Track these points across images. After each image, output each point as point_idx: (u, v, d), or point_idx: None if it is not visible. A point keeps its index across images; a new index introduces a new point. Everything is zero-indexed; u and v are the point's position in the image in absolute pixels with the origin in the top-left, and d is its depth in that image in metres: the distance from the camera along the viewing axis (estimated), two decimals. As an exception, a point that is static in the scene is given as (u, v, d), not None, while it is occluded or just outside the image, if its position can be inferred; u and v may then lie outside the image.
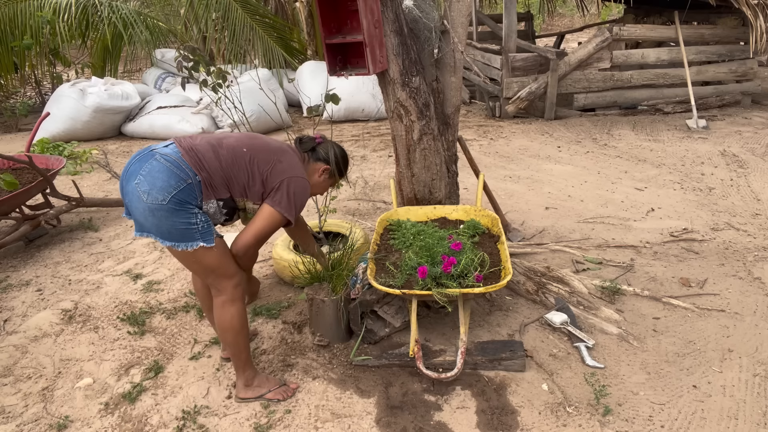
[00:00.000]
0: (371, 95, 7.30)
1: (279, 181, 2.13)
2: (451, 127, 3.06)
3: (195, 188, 2.02)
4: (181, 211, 1.99)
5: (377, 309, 2.68)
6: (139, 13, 7.75)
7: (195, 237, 2.02)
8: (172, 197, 1.96)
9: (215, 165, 2.08)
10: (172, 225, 1.99)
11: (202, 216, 2.05)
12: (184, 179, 2.00)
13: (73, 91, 6.65)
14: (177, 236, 2.01)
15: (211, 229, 2.08)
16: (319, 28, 2.70)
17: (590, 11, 11.18)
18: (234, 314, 2.17)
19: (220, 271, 2.12)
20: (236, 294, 2.16)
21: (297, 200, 2.17)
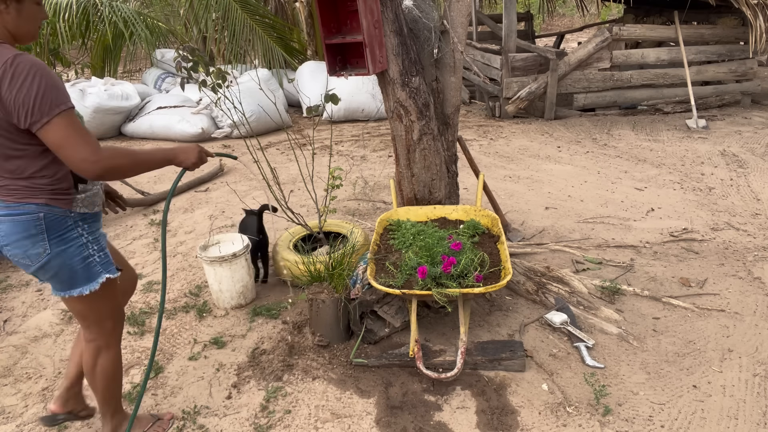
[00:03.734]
0: (371, 95, 7.30)
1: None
2: (450, 127, 3.06)
3: (51, 212, 1.67)
4: (70, 247, 1.71)
5: (377, 309, 2.68)
6: (139, 13, 7.75)
7: (96, 273, 1.77)
8: (49, 240, 1.67)
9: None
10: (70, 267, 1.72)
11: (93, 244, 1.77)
12: (33, 215, 1.64)
13: (73, 91, 6.64)
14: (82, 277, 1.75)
15: (109, 258, 1.83)
16: (319, 28, 2.71)
17: (590, 11, 11.18)
18: (112, 361, 1.95)
19: (104, 310, 1.87)
20: (112, 338, 1.93)
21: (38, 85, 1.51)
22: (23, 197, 1.64)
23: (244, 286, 3.06)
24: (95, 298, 1.81)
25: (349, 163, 5.61)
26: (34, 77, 1.51)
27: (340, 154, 6.06)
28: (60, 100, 1.54)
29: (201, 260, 2.99)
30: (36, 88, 1.51)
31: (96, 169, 1.58)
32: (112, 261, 1.84)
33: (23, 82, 1.50)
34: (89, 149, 1.56)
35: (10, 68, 1.51)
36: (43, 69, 1.54)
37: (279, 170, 5.26)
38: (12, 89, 1.50)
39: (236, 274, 2.98)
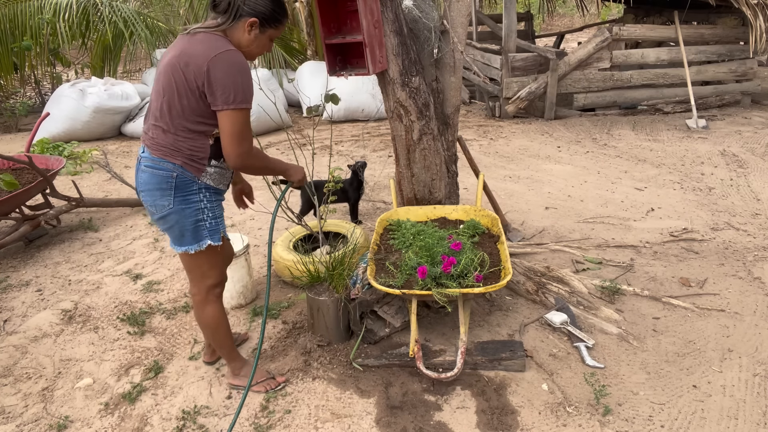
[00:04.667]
0: (371, 95, 7.30)
1: (204, 71, 1.83)
2: (450, 127, 3.06)
3: (183, 174, 1.98)
4: (188, 208, 2.03)
5: (377, 309, 2.68)
6: (139, 13, 7.75)
7: (202, 236, 2.08)
8: (174, 197, 2.00)
9: (164, 115, 1.93)
10: (183, 226, 2.04)
11: (209, 211, 2.07)
12: (169, 173, 1.98)
13: (73, 91, 6.65)
14: (190, 237, 2.07)
15: (218, 227, 2.11)
16: (319, 28, 2.70)
17: (590, 11, 11.18)
18: (210, 315, 2.25)
19: (206, 270, 2.18)
20: (211, 294, 2.23)
21: (236, 79, 1.85)
22: (165, 155, 1.96)
23: (244, 286, 3.06)
24: (200, 258, 2.12)
25: (349, 163, 5.61)
26: (237, 72, 1.85)
27: (340, 154, 6.06)
28: (247, 99, 1.88)
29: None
30: (238, 80, 1.84)
31: (237, 162, 1.94)
32: (221, 233, 2.12)
33: (228, 70, 1.83)
34: (245, 146, 1.92)
35: (222, 58, 1.84)
36: (246, 69, 1.88)
37: (279, 170, 5.25)
38: (219, 73, 1.83)
39: (236, 274, 2.97)
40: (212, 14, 1.96)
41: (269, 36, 2.00)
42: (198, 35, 1.89)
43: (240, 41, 1.94)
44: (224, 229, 2.17)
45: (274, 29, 1.99)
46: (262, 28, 1.95)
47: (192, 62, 1.84)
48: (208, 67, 1.82)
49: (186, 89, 1.87)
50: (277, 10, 1.96)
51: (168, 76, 1.89)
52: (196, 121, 1.94)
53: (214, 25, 1.92)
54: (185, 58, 1.85)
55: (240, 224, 4.22)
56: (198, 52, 1.84)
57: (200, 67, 1.83)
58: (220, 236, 2.12)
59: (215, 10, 1.94)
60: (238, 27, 1.92)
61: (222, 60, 1.83)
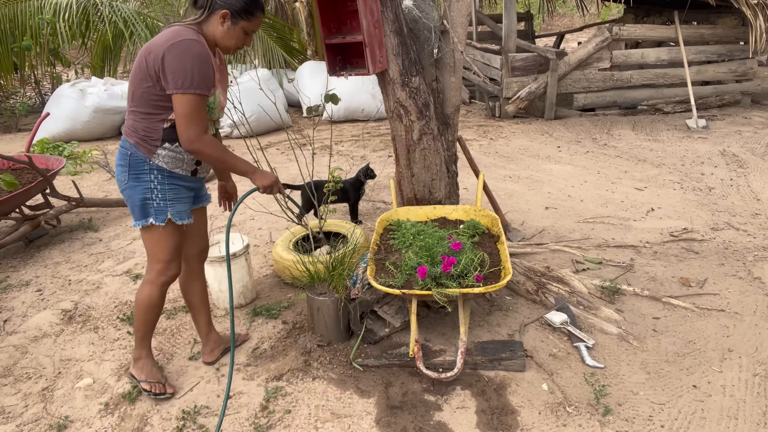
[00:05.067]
0: (371, 95, 7.30)
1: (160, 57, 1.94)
2: (450, 127, 3.06)
3: (135, 153, 2.10)
4: (138, 186, 2.13)
5: (377, 309, 2.68)
6: (139, 13, 7.75)
7: (148, 213, 2.15)
8: (129, 174, 2.13)
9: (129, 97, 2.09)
10: (133, 202, 2.16)
11: (159, 192, 2.14)
12: (126, 151, 2.12)
13: (73, 91, 6.65)
14: (140, 213, 2.16)
15: (165, 209, 2.16)
16: (319, 28, 2.70)
17: (590, 11, 11.18)
18: (145, 295, 2.29)
19: (155, 252, 2.24)
20: (157, 279, 2.28)
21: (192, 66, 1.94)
22: (126, 134, 2.13)
23: (244, 286, 3.06)
24: (149, 236, 2.20)
25: (349, 163, 5.61)
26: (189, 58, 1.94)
27: (340, 154, 6.06)
28: (199, 85, 1.96)
29: (201, 260, 2.99)
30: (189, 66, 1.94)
31: (187, 145, 2.03)
32: (167, 215, 2.16)
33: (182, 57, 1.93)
34: (193, 130, 2.00)
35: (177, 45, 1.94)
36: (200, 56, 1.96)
37: (279, 170, 5.26)
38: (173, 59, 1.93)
39: (236, 274, 2.97)
40: (192, 11, 2.10)
41: (242, 28, 2.08)
42: (171, 27, 2.03)
43: (215, 34, 2.06)
44: (176, 214, 2.19)
45: (247, 21, 2.07)
46: (233, 20, 2.04)
47: (153, 50, 1.98)
48: (164, 53, 1.94)
49: (146, 74, 2.00)
50: (249, 3, 2.05)
51: (135, 63, 2.05)
52: (152, 104, 2.05)
53: (191, 20, 2.06)
54: (149, 47, 2.00)
55: (240, 224, 4.22)
56: (160, 41, 1.97)
57: (158, 54, 1.95)
58: (165, 218, 2.16)
59: (195, 6, 2.07)
60: (212, 20, 2.04)
61: (177, 47, 1.94)
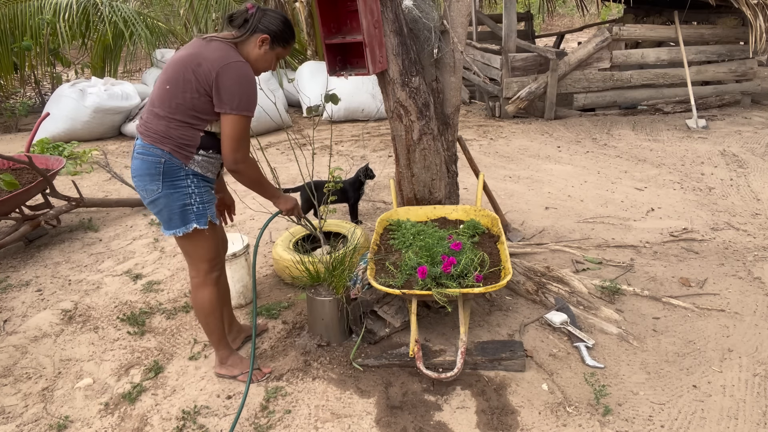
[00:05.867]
0: (371, 95, 7.30)
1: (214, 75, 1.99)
2: (450, 127, 3.06)
3: (171, 160, 2.10)
4: (176, 193, 2.13)
5: (377, 309, 2.68)
6: (139, 13, 7.75)
7: (189, 219, 2.17)
8: (162, 182, 2.11)
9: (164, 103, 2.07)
10: (170, 210, 2.15)
11: (197, 196, 2.16)
12: (158, 159, 2.09)
13: (73, 91, 6.65)
14: (179, 220, 2.16)
15: (205, 211, 2.20)
16: (319, 28, 2.70)
17: (590, 11, 11.18)
18: (203, 299, 2.33)
19: (200, 254, 2.27)
20: (208, 278, 2.32)
21: (243, 88, 2.02)
22: (155, 141, 2.08)
23: (244, 286, 3.06)
24: (191, 241, 2.23)
25: (349, 163, 5.61)
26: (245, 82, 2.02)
27: (340, 154, 6.06)
28: (250, 108, 2.05)
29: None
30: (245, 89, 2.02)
31: (231, 165, 2.09)
32: (207, 217, 2.20)
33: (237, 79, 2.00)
34: (241, 151, 2.08)
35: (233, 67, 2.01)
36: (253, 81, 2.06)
37: (279, 170, 5.26)
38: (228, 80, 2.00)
39: (236, 274, 2.98)
40: (228, 27, 2.16)
41: (276, 54, 2.18)
42: (213, 42, 2.07)
43: (249, 55, 2.12)
44: (212, 214, 2.25)
45: (282, 48, 2.18)
46: (272, 45, 2.14)
47: (204, 64, 2.01)
48: (218, 72, 1.99)
49: (193, 87, 2.02)
50: (287, 32, 2.16)
51: (178, 70, 2.04)
52: (193, 115, 2.08)
53: (230, 37, 2.11)
54: (198, 59, 2.02)
55: (240, 224, 4.22)
56: (212, 56, 2.01)
57: (211, 71, 2.00)
58: (206, 220, 2.20)
59: (231, 24, 2.13)
60: (251, 41, 2.11)
61: (233, 68, 2.01)
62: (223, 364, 2.48)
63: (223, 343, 2.47)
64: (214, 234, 2.29)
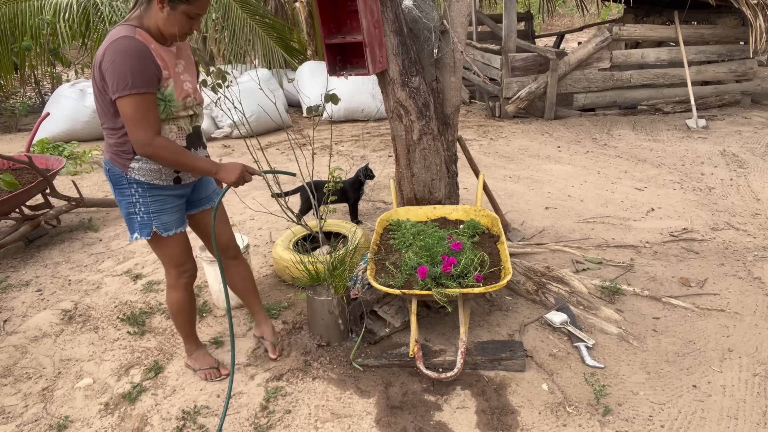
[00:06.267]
0: (371, 95, 7.30)
1: (98, 65, 1.87)
2: (450, 127, 3.06)
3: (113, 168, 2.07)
4: (122, 200, 2.12)
5: (377, 309, 2.68)
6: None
7: (134, 228, 2.16)
8: (114, 189, 2.13)
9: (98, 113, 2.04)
10: (123, 215, 2.17)
11: (141, 206, 2.11)
12: (105, 167, 2.11)
13: (73, 91, 6.65)
14: (128, 226, 2.18)
15: (150, 222, 2.13)
16: (319, 28, 2.70)
17: (590, 11, 11.18)
18: (172, 300, 2.38)
19: (165, 260, 2.30)
20: (177, 283, 2.34)
21: (123, 66, 1.83)
22: (105, 148, 2.09)
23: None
24: (155, 247, 2.24)
25: (349, 163, 5.61)
26: (119, 59, 1.83)
27: (340, 154, 6.06)
28: (134, 84, 1.84)
29: (201, 260, 2.99)
30: (119, 65, 1.83)
31: (139, 150, 1.95)
32: (152, 228, 2.14)
33: (113, 58, 1.83)
34: (140, 134, 1.91)
35: (110, 48, 1.85)
36: (131, 53, 1.85)
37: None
38: (106, 63, 1.85)
39: (236, 274, 2.97)
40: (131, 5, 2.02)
41: (184, 12, 1.94)
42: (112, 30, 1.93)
43: (157, 23, 1.94)
44: (160, 226, 2.15)
45: (187, 4, 1.92)
46: (171, 4, 1.90)
47: (96, 61, 1.90)
48: (101, 60, 1.87)
49: (96, 87, 1.94)
50: None
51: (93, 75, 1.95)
52: (112, 117, 1.98)
53: (131, 15, 1.96)
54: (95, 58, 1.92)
55: (240, 224, 4.22)
56: (99, 50, 1.89)
57: (97, 62, 1.88)
58: (150, 231, 2.14)
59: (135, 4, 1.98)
60: (152, 9, 1.93)
61: (109, 51, 1.85)
62: (189, 356, 2.56)
63: (190, 338, 2.53)
64: (175, 242, 2.24)
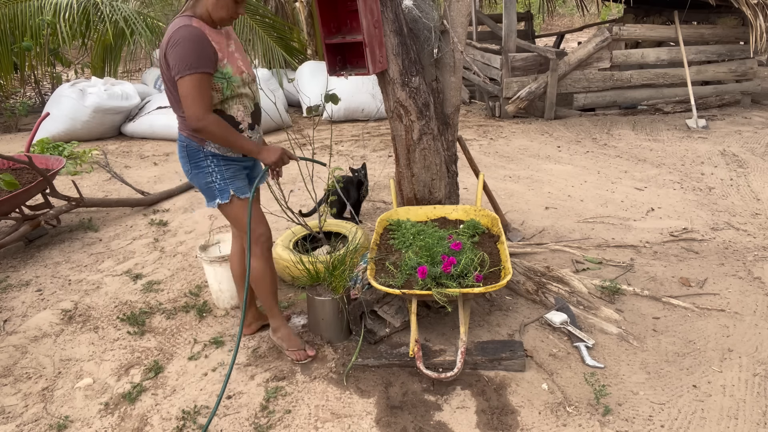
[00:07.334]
0: (371, 95, 7.30)
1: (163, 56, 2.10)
2: (450, 127, 3.06)
3: (190, 144, 2.27)
4: (200, 173, 2.30)
5: (377, 309, 2.68)
6: (140, 13, 7.75)
7: (214, 195, 2.33)
8: (190, 164, 2.31)
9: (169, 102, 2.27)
10: (200, 187, 2.35)
11: (217, 174, 2.30)
12: (183, 143, 2.30)
13: (73, 91, 6.65)
14: (207, 196, 2.36)
15: (227, 187, 2.31)
16: (319, 28, 2.70)
17: (590, 11, 11.18)
18: (255, 267, 2.45)
19: (239, 225, 2.41)
20: (256, 250, 2.42)
21: (185, 50, 2.05)
22: (180, 128, 2.31)
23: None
24: (229, 212, 2.39)
25: (349, 163, 5.61)
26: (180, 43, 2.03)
27: (340, 154, 6.06)
28: (190, 65, 2.03)
29: (201, 260, 2.99)
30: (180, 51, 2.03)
31: (192, 124, 2.12)
32: (230, 191, 2.32)
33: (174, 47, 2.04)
34: (194, 110, 2.08)
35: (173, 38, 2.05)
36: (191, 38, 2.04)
37: (279, 170, 5.25)
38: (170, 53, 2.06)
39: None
40: None
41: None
42: (173, 21, 2.14)
43: (207, 9, 2.13)
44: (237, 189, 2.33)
45: None
46: None
47: (161, 53, 2.12)
48: (165, 52, 2.08)
49: (165, 78, 2.16)
50: None
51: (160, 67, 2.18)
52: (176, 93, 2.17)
53: (186, 7, 2.17)
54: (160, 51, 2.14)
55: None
56: (163, 41, 2.11)
57: (162, 55, 2.11)
58: (229, 195, 2.32)
59: None
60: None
61: (172, 39, 2.05)
62: (275, 333, 2.60)
63: (273, 312, 2.58)
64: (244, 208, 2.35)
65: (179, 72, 2.05)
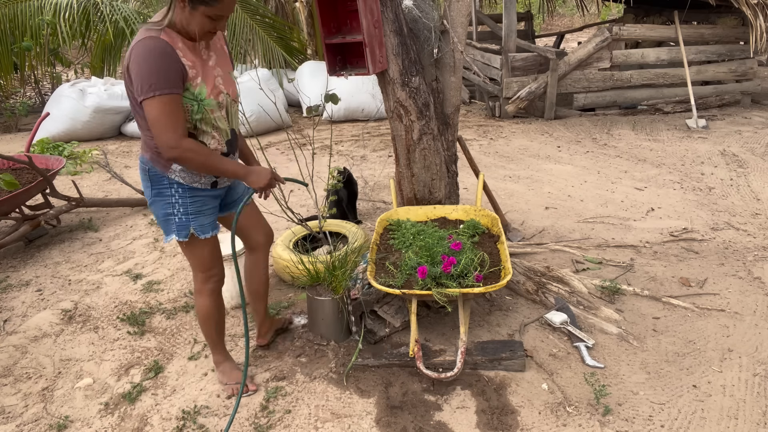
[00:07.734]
0: (371, 95, 7.30)
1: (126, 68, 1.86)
2: (450, 127, 3.06)
3: (153, 168, 2.04)
4: (161, 201, 2.08)
5: (377, 309, 2.68)
6: (140, 13, 7.74)
7: (171, 230, 2.12)
8: (151, 189, 2.08)
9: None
10: (158, 217, 2.13)
11: (180, 207, 2.08)
12: (144, 166, 2.07)
13: (73, 91, 6.65)
14: (163, 228, 2.14)
15: (188, 224, 2.10)
16: (319, 28, 2.70)
17: (590, 11, 11.19)
18: (199, 306, 2.32)
19: (193, 263, 2.25)
20: (203, 288, 2.28)
21: (147, 67, 1.80)
22: (143, 150, 2.05)
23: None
24: (185, 248, 2.18)
25: (349, 163, 5.61)
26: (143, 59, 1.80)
27: (340, 154, 6.06)
28: (157, 86, 1.80)
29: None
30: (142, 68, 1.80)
31: (165, 153, 1.89)
32: (189, 230, 2.11)
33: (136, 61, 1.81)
34: (165, 137, 1.85)
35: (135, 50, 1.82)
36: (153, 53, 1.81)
37: (279, 170, 5.25)
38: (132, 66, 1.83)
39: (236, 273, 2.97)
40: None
41: (203, 13, 1.87)
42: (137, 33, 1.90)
43: (182, 23, 1.88)
44: (198, 228, 2.12)
45: (205, 6, 1.86)
46: (192, 4, 1.84)
47: (124, 65, 1.89)
48: (128, 63, 1.85)
49: (129, 92, 1.92)
50: None
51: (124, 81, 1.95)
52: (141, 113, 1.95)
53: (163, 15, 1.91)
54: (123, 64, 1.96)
55: (240, 224, 4.21)
56: (127, 53, 1.87)
57: (125, 66, 1.88)
58: (187, 233, 2.11)
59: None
60: (177, 8, 1.87)
61: (134, 52, 1.83)
62: (217, 367, 2.49)
63: (218, 348, 2.45)
64: (209, 247, 2.20)
65: (142, 93, 1.81)
